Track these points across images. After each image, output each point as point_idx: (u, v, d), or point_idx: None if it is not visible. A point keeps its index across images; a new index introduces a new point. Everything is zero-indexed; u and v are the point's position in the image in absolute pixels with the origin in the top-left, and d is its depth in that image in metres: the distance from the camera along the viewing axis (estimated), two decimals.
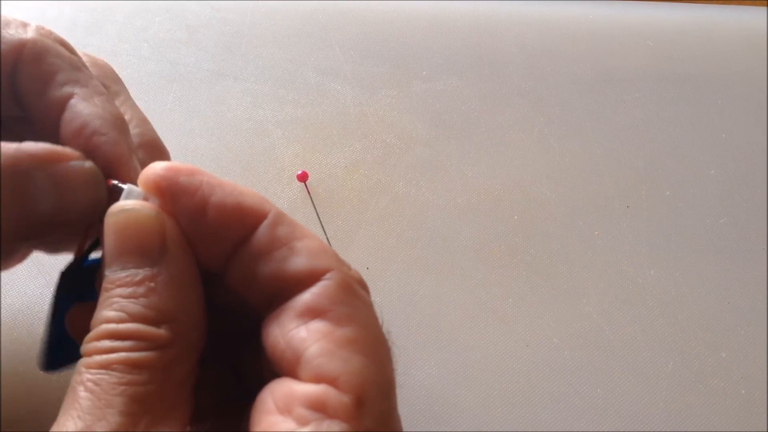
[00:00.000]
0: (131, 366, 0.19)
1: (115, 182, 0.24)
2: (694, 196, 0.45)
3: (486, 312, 0.40)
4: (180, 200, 0.21)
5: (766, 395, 0.38)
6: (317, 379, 0.19)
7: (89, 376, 0.19)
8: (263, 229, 0.21)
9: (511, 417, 0.37)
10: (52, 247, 0.29)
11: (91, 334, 0.20)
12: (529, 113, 0.48)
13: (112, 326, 0.20)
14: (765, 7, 0.55)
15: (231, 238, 0.21)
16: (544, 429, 0.37)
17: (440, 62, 0.51)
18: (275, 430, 0.18)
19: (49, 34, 0.28)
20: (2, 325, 0.38)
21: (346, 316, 0.20)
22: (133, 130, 0.28)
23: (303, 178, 0.44)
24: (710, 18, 0.55)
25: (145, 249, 0.21)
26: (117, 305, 0.20)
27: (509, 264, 0.42)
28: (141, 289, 0.20)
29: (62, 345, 0.24)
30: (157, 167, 0.21)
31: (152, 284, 0.20)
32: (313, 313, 0.20)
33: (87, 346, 0.20)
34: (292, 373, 0.20)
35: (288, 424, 0.19)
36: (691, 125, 0.48)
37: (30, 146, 0.23)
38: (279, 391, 0.19)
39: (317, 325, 0.20)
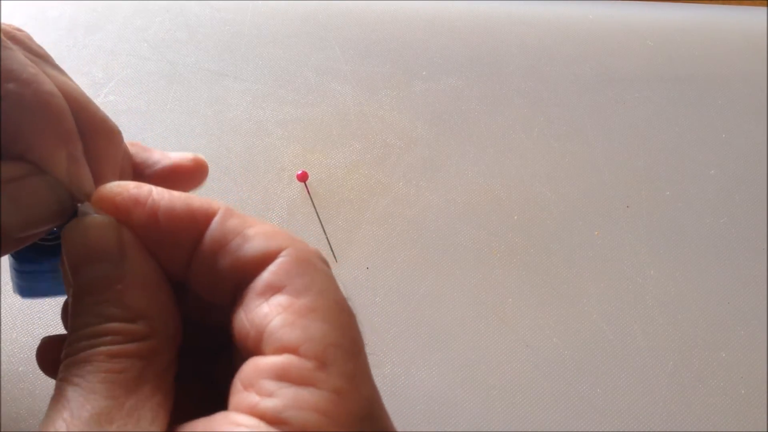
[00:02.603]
0: (112, 356, 0.20)
1: (80, 206, 0.24)
2: (694, 196, 0.45)
3: (486, 312, 0.40)
4: (133, 212, 0.22)
5: (765, 395, 0.38)
6: (280, 351, 0.19)
7: (74, 370, 0.20)
8: (214, 224, 0.21)
9: (511, 417, 0.37)
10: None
11: (71, 338, 0.21)
12: (529, 113, 0.48)
13: (92, 329, 0.20)
14: (765, 7, 0.55)
15: (186, 240, 0.22)
16: (545, 428, 0.37)
17: (440, 62, 0.51)
18: (244, 404, 0.19)
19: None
20: (2, 326, 0.38)
21: (303, 286, 0.20)
22: (78, 114, 0.25)
23: (303, 178, 0.44)
24: (710, 18, 0.55)
25: (106, 253, 0.21)
26: (90, 311, 0.21)
27: (509, 264, 0.42)
28: (110, 293, 0.21)
29: (21, 283, 0.26)
30: (107, 186, 0.22)
31: (119, 286, 0.21)
32: (272, 289, 0.20)
33: (68, 349, 0.20)
34: (258, 350, 0.20)
35: (252, 398, 0.19)
36: (691, 125, 0.48)
37: None
38: (244, 370, 0.20)
39: (277, 299, 0.20)
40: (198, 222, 0.22)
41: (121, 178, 0.28)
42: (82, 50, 0.50)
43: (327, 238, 0.42)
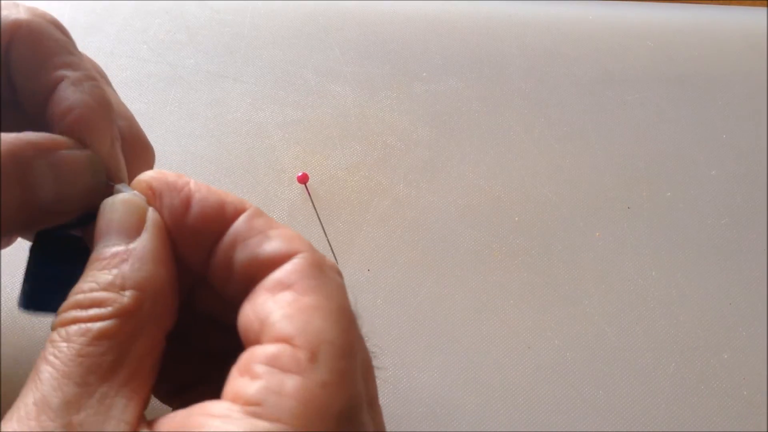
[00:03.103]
0: (91, 338, 0.20)
1: (117, 187, 0.25)
2: (695, 197, 0.45)
3: (487, 313, 0.40)
4: (167, 196, 0.23)
5: (767, 396, 0.38)
6: (276, 340, 0.20)
7: (51, 350, 0.20)
8: (241, 219, 0.22)
9: (512, 419, 0.37)
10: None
11: (63, 306, 0.21)
12: (530, 114, 0.48)
13: (81, 296, 0.21)
14: (765, 8, 0.55)
15: (213, 231, 0.22)
16: (546, 430, 0.37)
17: (440, 63, 0.51)
18: (232, 390, 0.19)
19: (44, 15, 0.28)
20: (2, 326, 0.38)
21: (311, 287, 0.21)
22: (119, 123, 0.28)
23: (303, 179, 0.44)
24: (710, 18, 0.55)
25: (125, 228, 0.22)
26: (90, 277, 0.21)
27: (510, 265, 0.42)
28: (114, 261, 0.21)
29: (33, 293, 0.26)
30: (148, 171, 0.23)
31: (125, 256, 0.21)
32: (281, 286, 0.21)
33: (55, 320, 0.21)
34: (257, 340, 0.20)
35: (243, 381, 0.19)
36: (692, 126, 0.48)
37: (29, 135, 0.24)
38: (241, 358, 0.20)
39: (283, 295, 0.20)
40: (227, 216, 0.22)
41: None
42: (81, 51, 0.50)
43: (328, 240, 0.42)
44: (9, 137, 0.23)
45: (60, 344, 0.20)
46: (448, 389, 0.38)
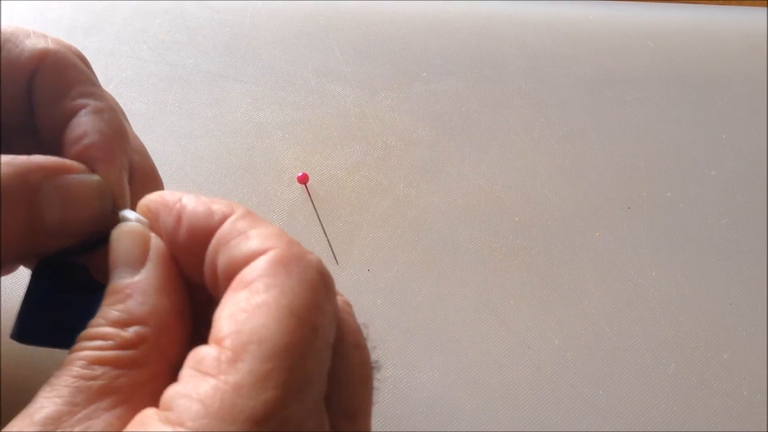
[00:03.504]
0: (89, 362, 0.20)
1: (121, 213, 0.25)
2: (695, 197, 0.45)
3: (487, 314, 0.40)
4: (163, 216, 0.23)
5: (767, 396, 0.38)
6: (213, 341, 0.19)
7: (56, 372, 0.21)
8: (227, 223, 0.22)
9: (512, 419, 0.37)
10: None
11: (77, 339, 0.22)
12: (530, 114, 0.48)
13: (90, 330, 0.21)
14: (765, 8, 0.55)
15: (203, 242, 0.22)
16: (546, 430, 0.37)
17: (440, 63, 0.51)
18: (162, 398, 0.19)
19: (70, 47, 0.29)
20: (2, 326, 0.38)
21: (267, 285, 0.20)
22: (132, 155, 0.29)
23: (303, 179, 0.44)
24: (710, 18, 0.55)
25: (131, 260, 0.23)
26: (101, 312, 0.22)
27: (510, 265, 0.42)
28: (120, 296, 0.22)
29: (31, 322, 0.26)
30: (148, 195, 0.24)
31: (129, 291, 0.22)
32: (241, 285, 0.20)
33: (71, 348, 0.21)
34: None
35: (169, 387, 0.19)
36: (692, 126, 0.48)
37: (39, 158, 0.24)
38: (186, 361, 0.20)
39: (240, 295, 0.20)
40: (214, 223, 0.22)
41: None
42: (82, 52, 0.50)
43: (328, 240, 0.42)
44: (18, 159, 0.23)
45: (62, 368, 0.20)
46: (448, 389, 0.38)
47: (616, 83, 0.50)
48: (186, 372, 0.19)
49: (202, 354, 0.19)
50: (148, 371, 0.21)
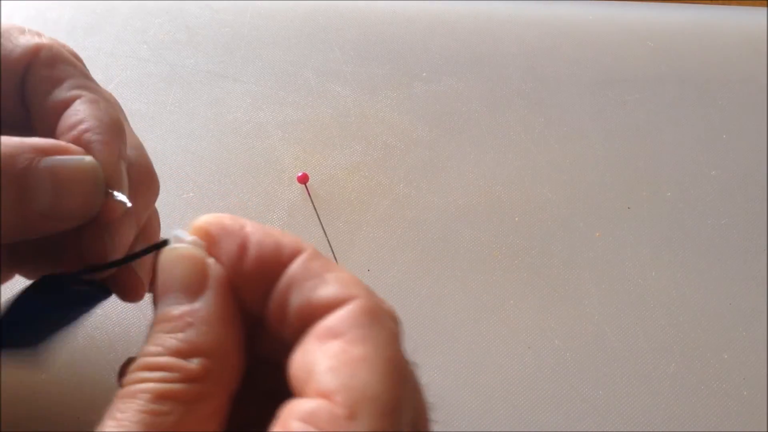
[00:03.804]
0: (156, 396, 0.20)
1: (113, 191, 0.25)
2: (695, 197, 0.45)
3: (487, 314, 0.40)
4: (224, 241, 0.22)
5: (767, 397, 0.38)
6: (317, 395, 0.19)
7: (119, 404, 0.20)
8: (297, 261, 0.21)
9: (512, 419, 0.37)
10: (36, 268, 0.29)
11: (132, 366, 0.21)
12: (530, 114, 0.48)
13: (149, 359, 0.21)
14: (765, 8, 0.55)
15: (270, 275, 0.22)
16: (546, 430, 0.37)
17: (440, 63, 0.51)
18: None
19: (64, 46, 0.29)
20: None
21: (361, 337, 0.20)
22: (129, 151, 0.29)
23: (303, 179, 0.44)
24: (710, 18, 0.55)
25: (188, 285, 0.22)
26: (157, 339, 0.21)
27: (510, 265, 0.42)
28: (179, 324, 0.21)
29: (12, 330, 0.25)
30: (204, 216, 0.23)
31: (190, 319, 0.21)
32: (331, 334, 0.20)
33: (125, 378, 0.21)
34: (302, 392, 0.20)
35: None
36: (692, 126, 0.48)
37: (32, 139, 0.24)
38: (282, 411, 0.20)
39: (332, 345, 0.20)
40: (284, 259, 0.22)
41: (149, 222, 0.31)
42: (81, 52, 0.49)
43: (328, 240, 0.42)
44: (10, 140, 0.23)
45: (126, 401, 0.20)
46: (447, 389, 0.38)
47: (616, 83, 0.50)
48: (296, 425, 0.19)
49: (311, 408, 0.19)
50: (212, 406, 0.21)
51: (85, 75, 0.28)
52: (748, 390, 0.38)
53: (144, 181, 0.29)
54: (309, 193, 0.44)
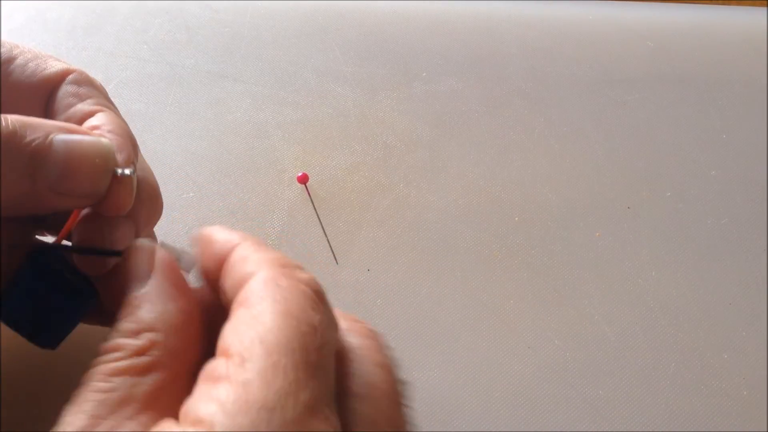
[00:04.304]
0: (106, 374, 0.21)
1: (120, 170, 0.26)
2: (695, 197, 0.45)
3: (487, 313, 0.40)
4: (200, 248, 0.25)
5: (767, 396, 0.38)
6: (218, 354, 0.21)
7: (81, 388, 0.21)
8: (234, 250, 0.24)
9: (512, 418, 0.37)
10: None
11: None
12: (530, 114, 0.48)
13: (104, 345, 0.22)
14: (765, 8, 0.55)
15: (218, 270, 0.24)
16: (546, 430, 0.37)
17: (440, 63, 0.51)
18: (181, 412, 0.20)
19: (94, 79, 0.32)
20: (2, 326, 0.38)
21: (259, 298, 0.21)
22: (139, 172, 0.31)
23: (303, 179, 0.44)
24: (710, 18, 0.55)
25: (139, 273, 0.24)
26: (115, 326, 0.23)
27: (510, 265, 0.42)
28: (130, 308, 0.23)
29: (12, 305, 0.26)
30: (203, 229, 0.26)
31: (138, 302, 0.23)
32: (237, 305, 0.22)
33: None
34: None
35: (185, 402, 0.20)
36: (692, 126, 0.48)
37: (53, 121, 0.26)
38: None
39: (237, 313, 0.21)
40: (227, 252, 0.24)
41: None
42: (82, 52, 0.50)
43: (328, 240, 0.42)
44: (31, 118, 0.25)
45: (83, 385, 0.21)
46: (447, 389, 0.38)
47: (617, 83, 0.50)
48: (199, 385, 0.20)
49: (211, 366, 0.20)
50: (165, 375, 0.22)
51: (107, 98, 0.31)
52: (748, 390, 0.38)
53: (149, 197, 0.31)
54: (309, 193, 0.44)
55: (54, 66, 0.30)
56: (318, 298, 0.22)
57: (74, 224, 0.27)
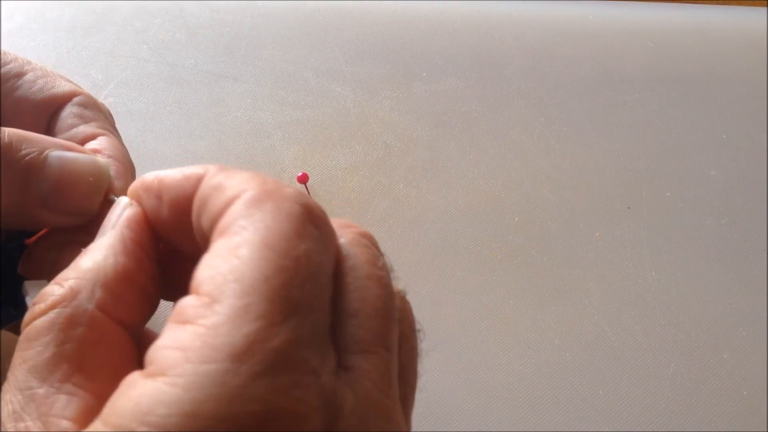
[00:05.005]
0: (28, 340, 0.20)
1: (112, 196, 0.26)
2: (695, 197, 0.45)
3: (487, 313, 0.40)
4: (145, 199, 0.23)
5: (767, 396, 0.38)
6: (191, 290, 0.19)
7: (12, 357, 0.20)
8: (202, 183, 0.21)
9: (512, 418, 0.37)
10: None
11: None
12: (530, 114, 0.48)
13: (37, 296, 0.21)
14: (765, 7, 0.55)
15: (185, 209, 0.22)
16: (546, 430, 0.37)
17: (440, 63, 0.51)
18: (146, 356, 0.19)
19: (102, 104, 0.32)
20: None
21: (240, 226, 0.19)
22: None
23: (303, 179, 0.44)
24: (710, 18, 0.55)
25: (106, 227, 0.23)
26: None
27: (510, 265, 0.42)
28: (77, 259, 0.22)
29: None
30: (133, 182, 0.24)
31: (84, 252, 0.22)
32: (219, 233, 0.19)
33: None
34: None
35: (153, 343, 0.18)
36: (692, 126, 0.48)
37: (53, 138, 0.26)
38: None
39: (216, 243, 0.19)
40: (191, 187, 0.21)
41: None
42: (82, 52, 0.50)
43: None
44: (31, 133, 0.25)
45: (14, 356, 0.20)
46: (447, 388, 0.38)
47: (617, 83, 0.50)
48: (166, 327, 0.18)
49: (181, 306, 0.18)
50: (94, 331, 0.20)
51: (112, 124, 0.31)
52: (748, 390, 0.38)
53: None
54: (309, 193, 0.44)
55: (62, 86, 0.30)
56: (308, 217, 0.19)
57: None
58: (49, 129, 0.29)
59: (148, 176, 0.23)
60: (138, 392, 0.17)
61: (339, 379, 0.18)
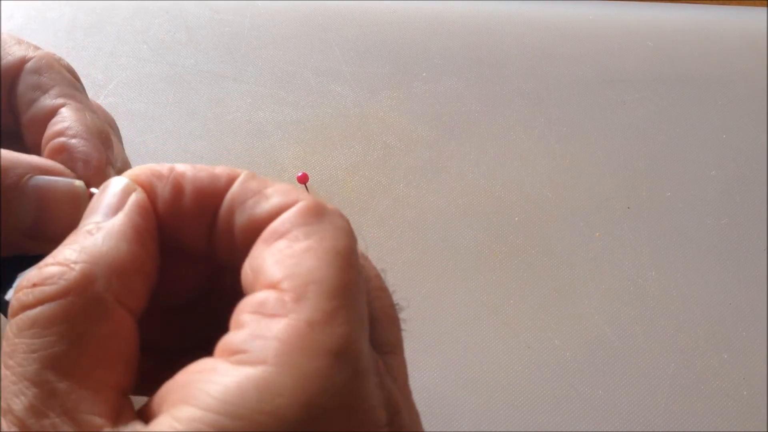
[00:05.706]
0: (39, 328, 0.18)
1: (94, 190, 0.25)
2: (695, 197, 0.45)
3: (487, 313, 0.40)
4: (157, 186, 0.22)
5: (767, 396, 0.38)
6: (265, 287, 0.19)
7: (6, 348, 0.18)
8: (235, 185, 0.21)
9: (512, 418, 0.37)
10: None
11: (16, 286, 0.20)
12: (530, 114, 0.48)
13: (33, 272, 0.20)
14: (765, 8, 0.55)
15: (211, 206, 0.22)
16: (546, 430, 0.37)
17: (440, 63, 0.51)
18: (220, 345, 0.18)
19: (59, 60, 0.30)
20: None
21: (305, 232, 0.20)
22: (117, 164, 0.29)
23: (303, 179, 0.44)
24: (710, 18, 0.55)
25: (108, 206, 0.22)
26: (53, 252, 0.20)
27: (510, 265, 0.42)
28: (80, 236, 0.21)
29: None
30: (134, 168, 0.23)
31: (94, 231, 0.21)
32: (276, 235, 0.20)
33: (9, 309, 0.19)
34: (252, 291, 0.20)
35: (231, 334, 0.18)
36: (692, 126, 0.48)
37: (27, 156, 0.25)
38: (236, 308, 0.19)
39: (277, 244, 0.20)
40: (221, 186, 0.22)
41: None
42: (82, 52, 0.50)
43: None
44: (7, 153, 0.24)
45: (13, 341, 0.18)
46: (447, 388, 0.38)
47: (616, 83, 0.50)
48: (247, 317, 0.18)
49: (260, 299, 0.19)
50: (111, 323, 0.19)
51: (73, 85, 0.29)
52: (748, 390, 0.38)
53: None
54: (309, 193, 0.44)
55: (14, 53, 0.28)
56: (353, 233, 0.21)
57: None
58: (9, 103, 0.28)
59: (158, 166, 0.23)
60: (234, 379, 0.17)
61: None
